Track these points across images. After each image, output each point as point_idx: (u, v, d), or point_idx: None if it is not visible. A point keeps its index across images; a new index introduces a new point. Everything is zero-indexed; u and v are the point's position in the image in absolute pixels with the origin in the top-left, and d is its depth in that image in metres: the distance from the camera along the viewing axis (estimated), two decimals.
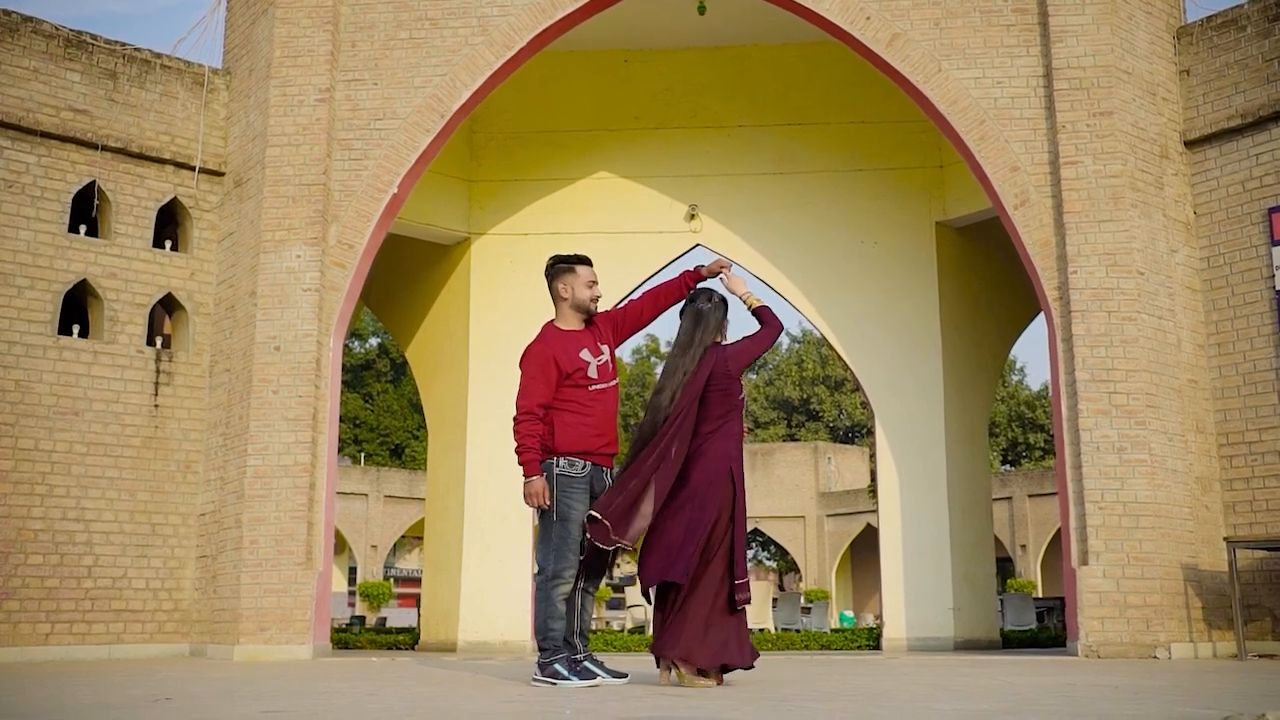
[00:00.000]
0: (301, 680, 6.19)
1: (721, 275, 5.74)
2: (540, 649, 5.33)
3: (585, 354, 5.45)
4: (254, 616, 9.72)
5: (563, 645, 5.30)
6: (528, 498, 5.28)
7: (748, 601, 5.28)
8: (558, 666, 5.24)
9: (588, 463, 5.39)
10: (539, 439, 5.35)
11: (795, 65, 13.15)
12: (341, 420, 50.80)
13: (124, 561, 10.37)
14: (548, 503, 5.28)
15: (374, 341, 54.18)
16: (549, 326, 5.60)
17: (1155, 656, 8.92)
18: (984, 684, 5.45)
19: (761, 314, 5.60)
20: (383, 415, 52.50)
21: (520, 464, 5.31)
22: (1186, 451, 9.72)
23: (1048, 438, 53.68)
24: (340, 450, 49.18)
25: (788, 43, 13.04)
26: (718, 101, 13.30)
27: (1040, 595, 33.45)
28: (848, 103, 13.09)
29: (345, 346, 50.24)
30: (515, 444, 5.32)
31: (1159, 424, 9.49)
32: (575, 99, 13.39)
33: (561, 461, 5.37)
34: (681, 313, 5.64)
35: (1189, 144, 10.42)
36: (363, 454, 49.86)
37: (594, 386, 5.44)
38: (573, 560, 5.30)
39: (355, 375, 53.67)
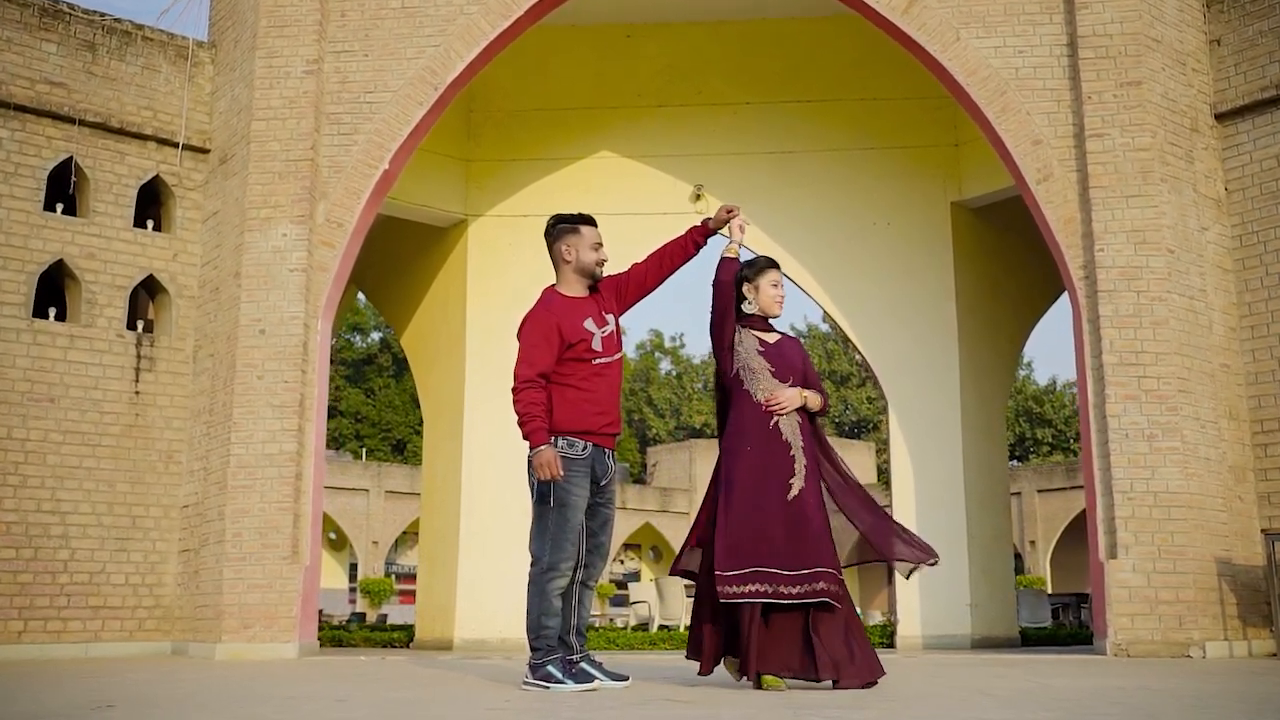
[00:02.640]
0: (275, 683, 5.71)
1: (730, 225, 5.21)
2: (532, 648, 4.81)
3: (590, 324, 4.92)
4: (237, 613, 9.24)
5: (557, 645, 4.78)
6: (539, 469, 4.74)
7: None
8: (551, 668, 4.73)
9: (588, 443, 4.86)
10: (545, 408, 4.81)
11: (803, 41, 12.64)
12: (343, 415, 50.51)
13: (102, 556, 9.89)
14: (561, 473, 4.75)
15: (376, 336, 53.75)
16: (550, 291, 5.09)
17: (1189, 655, 8.42)
18: (1021, 687, 4.96)
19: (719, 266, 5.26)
20: (384, 410, 52.06)
21: (525, 435, 4.78)
22: (1219, 439, 9.22)
23: (1055, 433, 53.14)
24: (342, 446, 49.10)
25: (796, 17, 12.53)
26: (723, 78, 12.80)
27: (1050, 591, 32.92)
28: (858, 79, 12.58)
29: (347, 341, 49.59)
30: (517, 415, 4.80)
31: (1191, 410, 8.98)
32: (576, 75, 12.90)
33: (560, 442, 4.84)
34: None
35: (1219, 117, 9.92)
36: (364, 449, 49.42)
37: (598, 360, 4.91)
38: (571, 551, 4.78)
39: (357, 370, 53.23)
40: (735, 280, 5.13)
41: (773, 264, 5.20)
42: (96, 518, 9.91)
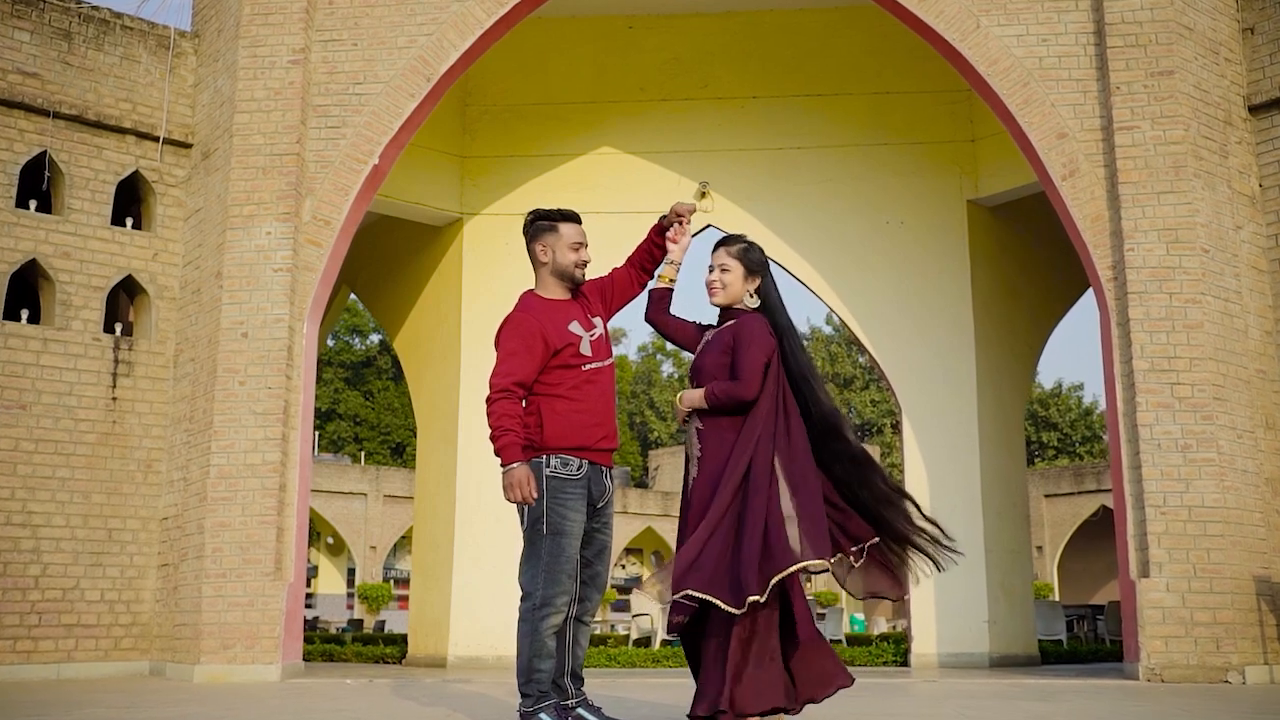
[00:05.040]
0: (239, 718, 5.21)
1: (674, 226, 4.61)
2: (522, 694, 4.27)
3: (576, 327, 4.40)
4: (216, 633, 8.73)
5: (550, 689, 4.26)
6: (508, 490, 4.20)
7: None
8: (544, 717, 4.21)
9: (584, 461, 4.32)
10: (519, 421, 4.28)
11: (813, 31, 12.14)
12: (342, 418, 50.00)
13: (76, 571, 9.38)
14: (534, 495, 4.21)
15: (375, 338, 53.28)
16: (529, 295, 4.57)
17: (1227, 681, 7.91)
18: None
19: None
20: (384, 413, 51.58)
21: (496, 451, 4.23)
22: (1256, 450, 8.71)
23: (1061, 436, 52.60)
24: (340, 449, 48.57)
25: (804, 7, 12.03)
26: (729, 71, 12.30)
27: (1057, 598, 32.40)
28: (870, 72, 12.07)
29: (345, 343, 48.92)
30: (490, 427, 4.27)
31: (1227, 419, 8.47)
32: (576, 68, 12.39)
33: (553, 461, 4.30)
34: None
35: (1253, 109, 9.42)
36: (363, 453, 48.92)
37: (589, 366, 4.39)
38: (567, 585, 4.24)
39: (356, 373, 52.74)
40: None
41: (721, 243, 4.49)
42: (70, 531, 9.41)
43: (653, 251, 4.68)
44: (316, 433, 44.81)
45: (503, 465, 4.20)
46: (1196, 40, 9.05)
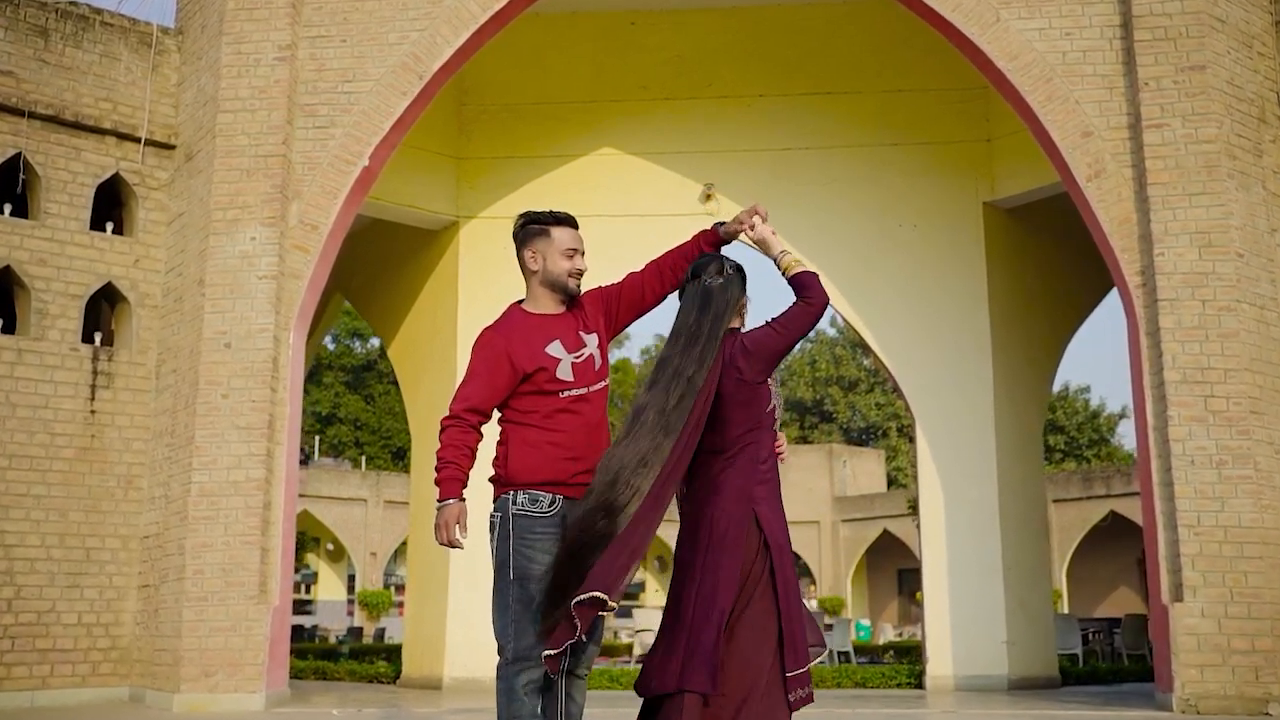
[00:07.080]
0: None
1: (747, 230, 4.07)
2: None
3: (556, 348, 3.89)
4: (197, 659, 8.29)
5: None
6: (435, 530, 3.77)
7: (807, 700, 3.65)
8: None
9: (557, 496, 3.83)
10: (467, 452, 3.82)
11: (820, 27, 11.71)
12: (342, 422, 49.57)
13: (51, 593, 8.94)
14: (460, 539, 3.75)
15: (375, 342, 52.89)
16: (514, 308, 4.10)
17: (1267, 713, 7.46)
18: None
19: (800, 281, 3.76)
20: (384, 417, 51.11)
21: (436, 483, 3.81)
22: None
23: (1068, 440, 52.10)
24: (341, 453, 48.15)
25: (812, 2, 11.59)
26: (734, 69, 11.86)
27: (1067, 608, 31.95)
28: (880, 69, 11.63)
29: (346, 347, 48.37)
30: (436, 456, 3.83)
31: (1264, 433, 8.02)
32: (576, 67, 11.96)
33: (520, 497, 3.81)
34: (681, 291, 3.94)
35: None
36: (364, 457, 48.50)
37: (569, 392, 3.88)
38: (541, 634, 3.77)
39: (356, 376, 52.31)
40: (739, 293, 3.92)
41: None
42: (46, 550, 8.98)
43: (694, 260, 4.11)
44: (317, 437, 44.43)
45: (438, 501, 3.75)
46: (1229, 33, 8.60)
